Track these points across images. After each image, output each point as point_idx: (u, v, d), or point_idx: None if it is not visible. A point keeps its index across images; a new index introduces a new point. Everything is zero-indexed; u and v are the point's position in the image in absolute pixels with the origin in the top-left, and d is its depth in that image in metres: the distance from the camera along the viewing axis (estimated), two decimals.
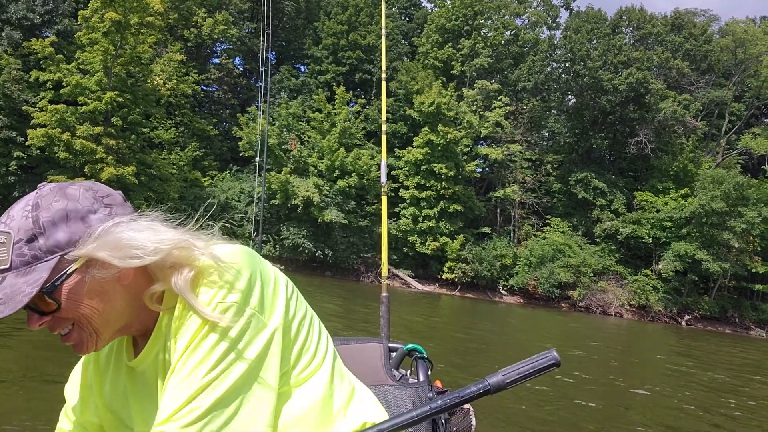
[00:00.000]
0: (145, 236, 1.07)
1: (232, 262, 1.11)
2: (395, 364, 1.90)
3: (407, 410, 1.25)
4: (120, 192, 1.17)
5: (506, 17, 43.92)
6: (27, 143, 28.86)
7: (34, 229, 1.04)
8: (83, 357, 1.35)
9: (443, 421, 1.65)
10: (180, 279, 1.08)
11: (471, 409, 1.73)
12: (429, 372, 1.83)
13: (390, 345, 1.95)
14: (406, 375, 1.87)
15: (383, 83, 4.21)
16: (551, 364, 1.18)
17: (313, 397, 1.19)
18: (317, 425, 1.19)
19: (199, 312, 1.06)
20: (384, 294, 3.20)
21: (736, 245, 34.80)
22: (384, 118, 4.27)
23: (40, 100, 30.30)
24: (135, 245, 1.05)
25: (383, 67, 4.46)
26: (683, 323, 36.33)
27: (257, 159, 28.65)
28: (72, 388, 1.37)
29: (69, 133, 28.98)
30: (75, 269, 1.06)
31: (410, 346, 1.93)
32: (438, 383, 1.83)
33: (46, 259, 1.04)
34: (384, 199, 3.78)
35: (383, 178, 3.79)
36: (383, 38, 4.66)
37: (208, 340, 1.05)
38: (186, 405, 1.01)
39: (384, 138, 4.02)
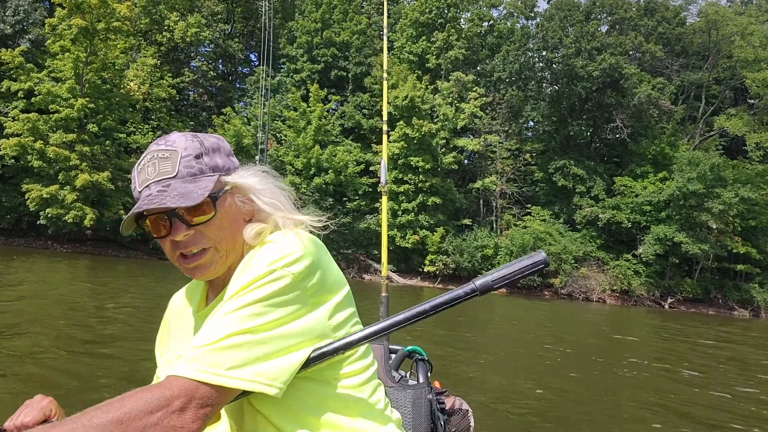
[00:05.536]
0: (280, 195, 1.32)
1: (304, 243, 1.20)
2: (395, 366, 1.95)
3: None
4: None
5: (483, 8, 43.95)
6: (0, 153, 28.92)
7: (201, 149, 1.25)
8: (174, 297, 1.52)
9: (442, 422, 1.68)
10: (252, 229, 1.26)
11: (470, 410, 1.78)
12: (429, 374, 1.86)
13: (390, 347, 2.00)
14: (406, 376, 1.92)
15: (384, 83, 4.24)
16: (539, 262, 1.18)
17: (353, 397, 1.23)
18: (351, 424, 1.22)
19: (257, 266, 1.14)
20: (383, 294, 3.20)
21: (714, 226, 34.87)
22: (385, 118, 4.28)
23: (12, 110, 30.36)
24: (277, 198, 1.30)
25: (384, 67, 4.49)
26: (666, 306, 36.43)
27: (257, 158, 28.76)
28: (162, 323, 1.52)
29: (42, 142, 29.05)
30: (228, 190, 1.27)
31: (410, 348, 1.98)
32: (437, 384, 1.88)
33: (209, 174, 1.24)
34: (384, 199, 3.76)
35: (383, 178, 3.79)
36: (384, 41, 4.71)
37: (257, 292, 1.11)
38: (218, 341, 1.06)
39: (384, 138, 4.01)
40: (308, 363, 1.15)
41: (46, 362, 7.01)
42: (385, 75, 4.38)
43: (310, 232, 1.31)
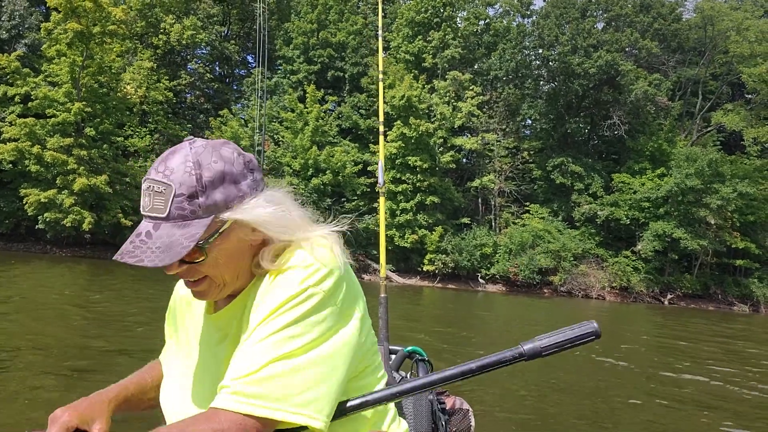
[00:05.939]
0: (294, 218, 1.22)
1: (330, 258, 1.18)
2: (395, 366, 1.94)
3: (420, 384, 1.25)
4: (252, 155, 1.26)
5: (479, 7, 44.00)
6: None
7: (197, 187, 1.12)
8: (180, 284, 1.47)
9: (443, 422, 1.69)
10: (270, 252, 1.20)
11: (470, 409, 1.79)
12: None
13: (390, 347, 2.01)
14: (407, 377, 1.91)
15: (380, 84, 4.19)
16: (590, 333, 1.16)
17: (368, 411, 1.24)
18: None
19: (288, 286, 1.12)
20: (383, 295, 3.17)
21: (713, 222, 34.90)
22: (381, 118, 4.22)
23: (9, 115, 30.36)
24: (288, 225, 1.19)
25: (380, 67, 4.47)
26: (666, 302, 36.44)
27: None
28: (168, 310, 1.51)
29: (39, 146, 29.03)
30: (225, 229, 1.16)
31: (410, 348, 1.98)
32: None
33: (203, 216, 1.13)
34: (382, 200, 3.72)
35: (380, 179, 3.76)
36: (380, 41, 4.69)
37: (291, 313, 1.09)
38: (259, 371, 1.05)
39: (381, 139, 3.98)
40: (350, 410, 1.16)
41: (66, 365, 7.02)
42: (380, 75, 4.36)
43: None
